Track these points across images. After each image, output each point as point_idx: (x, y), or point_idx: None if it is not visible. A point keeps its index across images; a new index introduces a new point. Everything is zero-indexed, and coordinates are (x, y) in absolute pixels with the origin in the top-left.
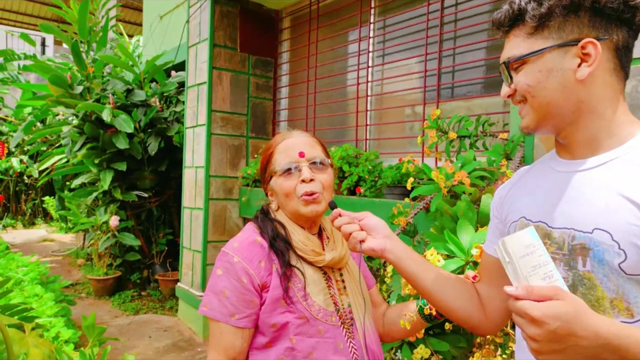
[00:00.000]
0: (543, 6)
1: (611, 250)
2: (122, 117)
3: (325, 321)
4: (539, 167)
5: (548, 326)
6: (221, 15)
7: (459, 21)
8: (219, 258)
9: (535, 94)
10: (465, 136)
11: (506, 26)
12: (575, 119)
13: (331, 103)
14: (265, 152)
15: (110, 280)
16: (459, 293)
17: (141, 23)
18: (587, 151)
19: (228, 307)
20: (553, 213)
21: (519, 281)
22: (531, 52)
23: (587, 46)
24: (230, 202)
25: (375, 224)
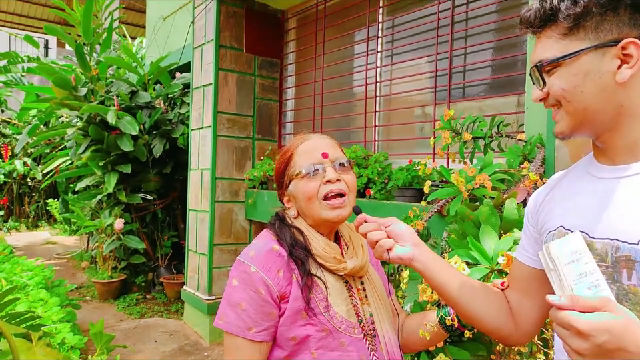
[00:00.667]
0: (578, 5)
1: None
2: (126, 119)
3: (347, 333)
4: (575, 172)
5: (595, 339)
6: (227, 15)
7: (470, 20)
8: (235, 267)
9: (570, 99)
10: (480, 137)
11: (536, 26)
12: (615, 124)
13: (339, 104)
14: (284, 155)
15: (115, 283)
16: (488, 302)
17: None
18: (629, 156)
19: (245, 320)
20: (594, 223)
21: (564, 290)
22: (566, 54)
23: (629, 46)
24: (236, 204)
25: (402, 231)
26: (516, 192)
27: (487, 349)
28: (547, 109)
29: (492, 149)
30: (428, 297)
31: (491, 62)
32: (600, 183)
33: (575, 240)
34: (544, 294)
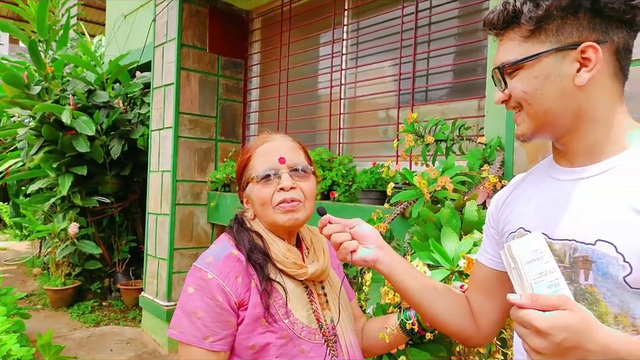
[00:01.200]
0: (540, 7)
1: (615, 262)
2: (83, 119)
3: (308, 339)
4: (536, 174)
5: (553, 337)
6: (190, 14)
7: (433, 24)
8: (191, 274)
9: (531, 101)
10: (442, 140)
11: (499, 28)
12: (575, 126)
13: (303, 106)
14: (243, 156)
15: (68, 290)
16: (451, 304)
17: (103, 23)
18: (587, 158)
19: (201, 329)
20: (553, 224)
21: (524, 289)
22: (527, 57)
23: (587, 50)
24: (198, 207)
25: (367, 233)
26: (476, 194)
27: (447, 350)
28: (509, 110)
29: (453, 152)
30: (390, 299)
31: (452, 66)
32: (559, 184)
33: (535, 239)
34: (505, 295)
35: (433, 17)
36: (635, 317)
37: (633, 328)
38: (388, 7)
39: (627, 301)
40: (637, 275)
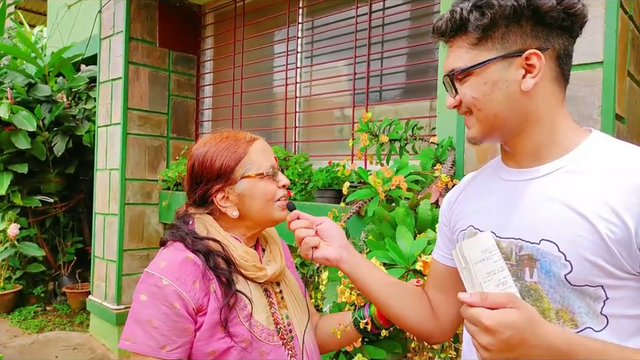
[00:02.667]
0: (485, 16)
1: (558, 261)
2: (22, 114)
3: (267, 341)
4: (485, 173)
5: (500, 335)
6: (138, 6)
7: (387, 26)
8: (143, 281)
9: (480, 106)
10: (395, 139)
11: (448, 35)
12: (521, 129)
13: (258, 103)
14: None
15: (8, 295)
16: (413, 302)
17: (45, 12)
18: (532, 160)
19: (157, 338)
20: (501, 223)
21: (474, 287)
22: (475, 64)
23: (531, 57)
24: (149, 207)
25: (332, 231)
26: (429, 193)
27: (403, 347)
28: (460, 115)
29: (407, 151)
30: (347, 298)
31: (406, 67)
32: (507, 185)
33: (485, 239)
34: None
35: (386, 18)
36: (574, 312)
37: (572, 322)
38: (342, 7)
39: (568, 298)
40: (577, 273)
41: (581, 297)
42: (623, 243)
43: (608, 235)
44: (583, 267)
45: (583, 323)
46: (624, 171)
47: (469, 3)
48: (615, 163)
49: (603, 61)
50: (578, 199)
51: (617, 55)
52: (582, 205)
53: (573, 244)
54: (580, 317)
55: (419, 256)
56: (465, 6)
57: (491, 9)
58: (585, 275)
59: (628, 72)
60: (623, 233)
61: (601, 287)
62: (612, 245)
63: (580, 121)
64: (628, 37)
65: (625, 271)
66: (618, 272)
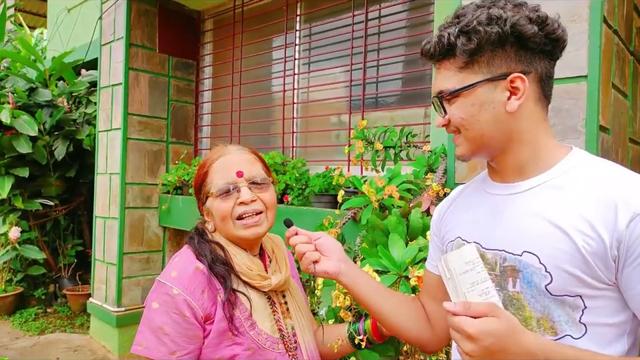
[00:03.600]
0: (472, 41)
1: (539, 272)
2: (24, 118)
3: (272, 349)
4: (473, 187)
5: (482, 342)
6: (138, 13)
7: (383, 34)
8: (155, 290)
9: (468, 127)
10: (390, 146)
11: (436, 59)
12: (506, 147)
13: (257, 109)
14: (200, 170)
15: (9, 297)
16: (410, 313)
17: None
18: (516, 175)
19: (168, 345)
20: (486, 235)
21: (458, 297)
22: (463, 86)
23: (516, 80)
24: (148, 210)
25: (331, 246)
26: (420, 202)
27: (396, 350)
28: (449, 134)
29: (401, 158)
30: (341, 302)
31: (401, 75)
32: (493, 198)
33: (469, 251)
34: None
35: (382, 26)
36: (554, 321)
37: (552, 330)
38: (339, 15)
39: (548, 307)
40: (557, 284)
41: (560, 306)
42: (599, 255)
43: (585, 248)
44: (562, 278)
45: (562, 330)
46: (601, 186)
47: (455, 28)
48: (593, 178)
49: (587, 74)
50: (558, 213)
51: (601, 69)
52: (561, 219)
53: (552, 256)
54: (560, 325)
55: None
56: (452, 31)
57: (477, 35)
58: (564, 285)
59: (613, 84)
60: (598, 245)
61: (580, 297)
62: (589, 257)
63: (565, 132)
64: (613, 50)
65: (602, 282)
66: (595, 282)
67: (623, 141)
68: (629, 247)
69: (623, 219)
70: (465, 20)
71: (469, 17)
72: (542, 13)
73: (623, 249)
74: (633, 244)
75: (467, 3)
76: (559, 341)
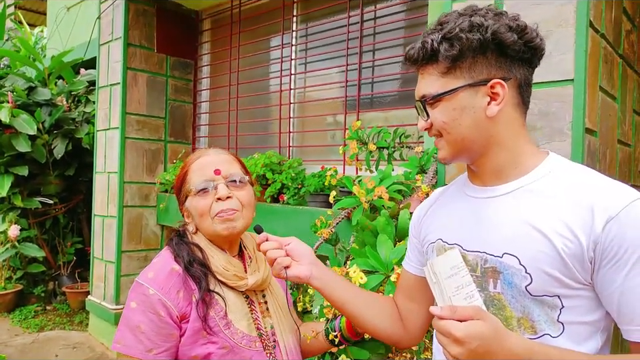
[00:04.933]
0: (454, 47)
1: (519, 274)
2: (23, 117)
3: (248, 347)
4: (453, 190)
5: (469, 345)
6: (136, 13)
7: (378, 35)
8: (133, 289)
9: (450, 130)
10: (384, 147)
11: (419, 64)
12: (486, 151)
13: (254, 108)
14: (180, 172)
15: (9, 295)
16: (381, 312)
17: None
18: (495, 179)
19: (145, 343)
20: (467, 237)
21: (444, 301)
22: (445, 91)
23: (496, 86)
24: (147, 209)
25: (301, 250)
26: (409, 203)
27: (386, 347)
28: (431, 137)
29: (395, 159)
30: None
31: (395, 75)
32: (473, 201)
33: (454, 256)
34: (428, 299)
35: (377, 27)
36: (533, 320)
37: (532, 329)
38: (334, 16)
39: (528, 307)
40: (537, 285)
41: (540, 306)
42: (577, 257)
43: (564, 250)
44: (542, 279)
45: (541, 330)
46: (578, 191)
47: (438, 35)
48: (570, 183)
49: (573, 78)
50: (537, 217)
51: (587, 72)
52: (541, 222)
53: (532, 258)
54: (539, 325)
55: (397, 265)
56: (435, 37)
57: (459, 41)
58: (544, 286)
59: (600, 87)
60: (576, 247)
61: (558, 297)
62: (567, 259)
63: (552, 134)
64: (600, 53)
65: (579, 282)
66: (572, 283)
67: (611, 142)
68: (604, 249)
69: (599, 222)
70: (448, 27)
71: (451, 24)
72: (521, 22)
73: (599, 250)
74: (608, 246)
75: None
76: (538, 339)
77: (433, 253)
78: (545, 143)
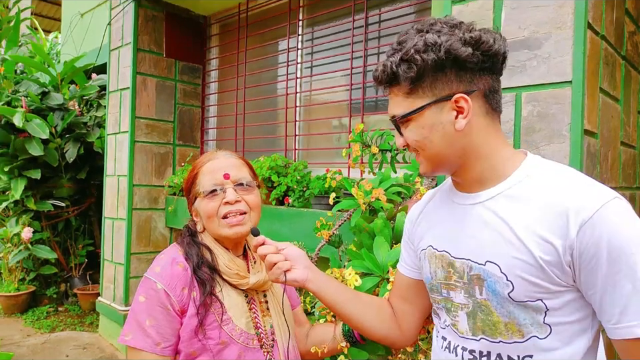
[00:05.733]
0: (412, 70)
1: (501, 281)
2: (36, 122)
3: (245, 344)
4: (440, 196)
5: None
6: (146, 19)
7: (382, 38)
8: (142, 284)
9: (423, 147)
10: (387, 150)
11: (385, 85)
12: (463, 162)
13: (261, 112)
14: (190, 173)
15: (22, 296)
16: (376, 314)
17: (59, 18)
18: (477, 186)
19: (153, 336)
20: (454, 244)
21: None
22: (411, 111)
23: (460, 100)
24: (155, 212)
25: (296, 255)
26: (406, 206)
27: (385, 349)
28: (410, 153)
29: (398, 161)
30: None
31: None
32: (458, 208)
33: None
34: (422, 300)
35: (382, 31)
36: (520, 324)
37: (520, 333)
38: (339, 20)
39: (513, 312)
40: (519, 292)
41: (524, 310)
42: (554, 263)
43: (541, 257)
44: (523, 286)
45: (529, 332)
46: (553, 195)
47: (397, 56)
48: (546, 186)
49: (571, 80)
50: (514, 223)
51: (586, 74)
52: (518, 229)
53: (511, 266)
54: (526, 328)
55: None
56: (394, 59)
57: (415, 63)
58: (525, 292)
59: (601, 89)
60: (553, 254)
61: (541, 300)
62: (545, 265)
63: (551, 136)
64: (600, 55)
65: (560, 285)
66: (554, 287)
67: (613, 144)
68: (580, 253)
69: (573, 226)
70: (405, 48)
71: (409, 43)
72: (475, 33)
73: (576, 255)
74: (584, 250)
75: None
76: (525, 342)
77: (425, 259)
78: (544, 145)
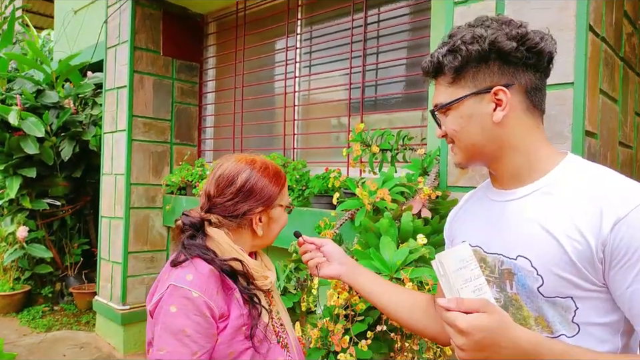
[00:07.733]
0: (456, 59)
1: (531, 276)
2: (31, 120)
3: (270, 340)
4: (479, 193)
5: (473, 336)
6: (143, 17)
7: (381, 37)
8: (170, 294)
9: (460, 137)
10: (387, 149)
11: (431, 75)
12: (499, 155)
13: (259, 110)
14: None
15: (17, 295)
16: (413, 306)
17: (51, 15)
18: (513, 182)
19: (190, 346)
20: (488, 239)
21: (452, 293)
22: (451, 100)
23: (498, 93)
24: (153, 211)
25: (332, 251)
26: (411, 205)
27: (389, 347)
28: (448, 144)
29: (398, 161)
30: (335, 301)
31: (399, 78)
32: (493, 204)
33: (463, 250)
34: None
35: (381, 30)
36: (548, 321)
37: (548, 329)
38: (338, 19)
39: (542, 307)
40: (548, 287)
41: (553, 307)
42: (587, 259)
43: (573, 252)
44: (553, 281)
45: (557, 330)
46: (588, 192)
47: (445, 48)
48: (581, 183)
49: (573, 81)
50: (549, 219)
51: (587, 76)
52: (552, 224)
53: (543, 260)
54: (554, 325)
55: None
56: (441, 50)
57: (460, 53)
58: (555, 287)
59: (601, 90)
60: (585, 249)
61: (570, 298)
62: (577, 260)
63: (553, 137)
64: (600, 57)
65: (591, 283)
66: (585, 284)
67: (612, 144)
68: (612, 250)
69: (607, 223)
70: (453, 40)
71: (457, 36)
72: (523, 29)
73: (608, 252)
74: (616, 247)
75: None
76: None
77: None
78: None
